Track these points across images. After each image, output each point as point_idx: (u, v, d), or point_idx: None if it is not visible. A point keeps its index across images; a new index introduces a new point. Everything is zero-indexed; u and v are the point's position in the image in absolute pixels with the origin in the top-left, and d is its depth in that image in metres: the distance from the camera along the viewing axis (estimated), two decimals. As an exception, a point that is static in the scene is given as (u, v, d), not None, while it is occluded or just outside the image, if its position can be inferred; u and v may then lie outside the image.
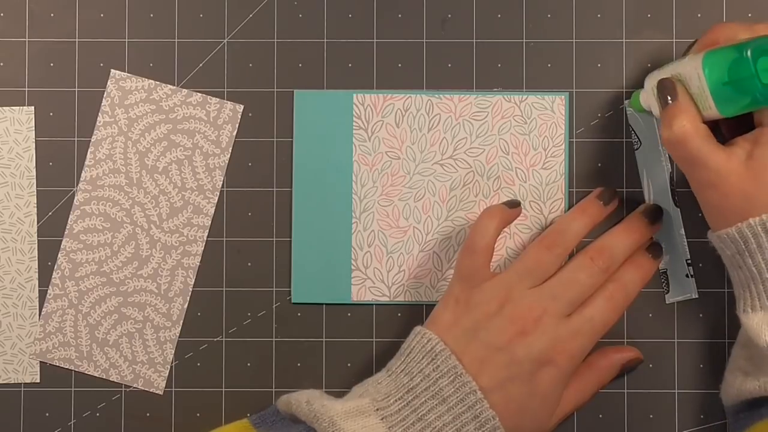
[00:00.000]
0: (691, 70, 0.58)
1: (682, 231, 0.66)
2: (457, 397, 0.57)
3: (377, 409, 0.57)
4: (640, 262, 0.63)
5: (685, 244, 0.66)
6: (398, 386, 0.58)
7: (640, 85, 0.67)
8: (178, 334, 0.67)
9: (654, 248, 0.64)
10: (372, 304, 0.67)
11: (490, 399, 0.57)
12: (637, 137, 0.66)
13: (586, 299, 0.60)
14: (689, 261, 0.66)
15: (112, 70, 0.67)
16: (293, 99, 0.68)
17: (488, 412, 0.57)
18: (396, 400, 0.58)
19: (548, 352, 0.58)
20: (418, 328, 0.60)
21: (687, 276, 0.66)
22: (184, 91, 0.67)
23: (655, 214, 0.64)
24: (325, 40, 0.68)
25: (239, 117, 0.68)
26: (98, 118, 0.67)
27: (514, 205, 0.63)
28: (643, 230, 0.63)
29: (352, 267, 0.67)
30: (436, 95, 0.67)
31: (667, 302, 0.66)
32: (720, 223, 0.58)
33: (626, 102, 0.67)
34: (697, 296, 0.65)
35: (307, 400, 0.58)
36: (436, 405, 0.57)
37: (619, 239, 0.62)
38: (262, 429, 0.60)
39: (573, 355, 0.59)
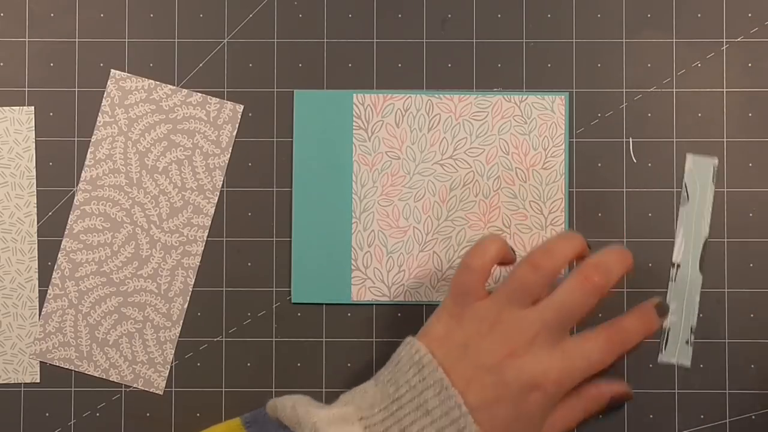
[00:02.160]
0: None
1: (698, 298, 0.66)
2: (441, 410, 0.56)
3: (361, 418, 0.57)
4: (648, 316, 0.62)
5: (696, 310, 0.66)
6: (384, 396, 0.58)
7: (640, 84, 0.67)
8: (178, 334, 0.67)
9: (661, 307, 0.63)
10: (372, 304, 0.67)
11: (476, 417, 0.56)
12: (687, 193, 0.66)
13: (585, 333, 0.60)
14: (693, 328, 0.66)
15: (112, 70, 0.67)
16: (293, 99, 0.68)
17: (473, 427, 0.56)
18: (380, 410, 0.57)
19: (538, 378, 0.57)
20: (408, 338, 0.60)
21: (687, 343, 0.65)
22: (184, 91, 0.67)
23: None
24: (325, 40, 0.68)
25: (239, 117, 0.68)
26: (98, 118, 0.67)
27: (512, 251, 0.63)
28: (628, 259, 0.61)
29: (352, 267, 0.67)
30: (436, 95, 0.67)
31: (658, 361, 0.66)
32: None
33: (688, 158, 0.66)
34: (689, 366, 0.65)
35: (292, 405, 0.58)
36: (420, 417, 0.56)
37: (613, 258, 0.60)
38: (253, 429, 0.60)
39: (562, 384, 0.58)
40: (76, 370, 0.67)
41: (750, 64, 0.67)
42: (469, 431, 0.56)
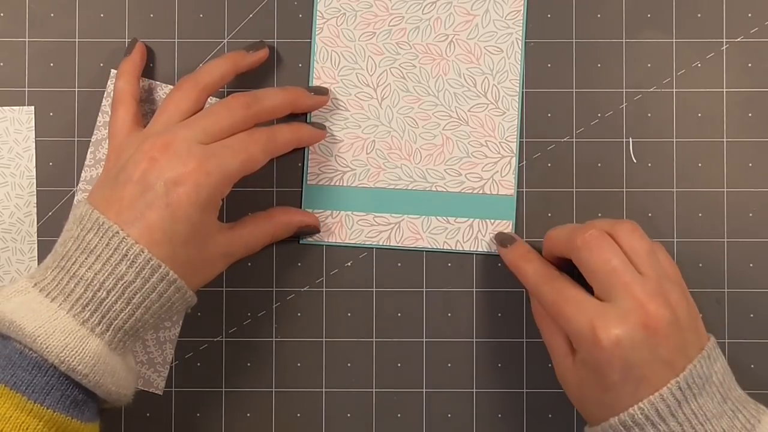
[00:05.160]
0: None
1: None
2: (103, 244, 0.56)
3: (35, 284, 0.56)
4: (299, 125, 0.65)
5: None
6: (55, 258, 0.58)
7: (640, 84, 0.67)
8: (178, 334, 0.67)
9: (319, 125, 0.66)
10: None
11: (133, 233, 0.56)
12: None
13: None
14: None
15: (112, 70, 0.67)
16: (293, 99, 0.68)
17: (135, 247, 0.56)
18: (52, 271, 0.57)
19: (181, 170, 0.57)
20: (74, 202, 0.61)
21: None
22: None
23: (321, 90, 0.66)
24: (325, 40, 0.68)
25: (239, 117, 0.67)
26: (98, 118, 0.67)
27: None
28: (302, 96, 0.65)
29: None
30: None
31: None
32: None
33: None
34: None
35: None
36: (85, 259, 0.56)
37: (274, 92, 0.64)
38: None
39: (209, 172, 0.58)
40: (76, 370, 0.67)
41: (750, 64, 0.67)
42: (133, 251, 0.56)
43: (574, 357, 0.58)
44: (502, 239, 0.65)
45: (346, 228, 0.67)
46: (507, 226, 0.66)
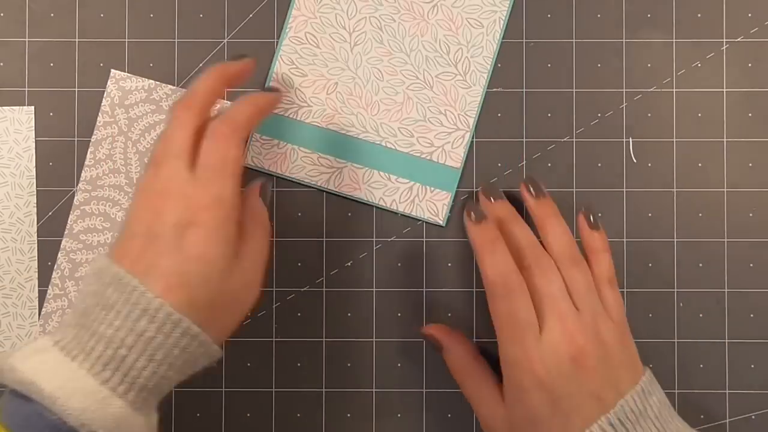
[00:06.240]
0: None
1: None
2: (122, 300, 0.54)
3: (56, 343, 0.55)
4: (252, 96, 0.61)
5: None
6: (74, 315, 0.56)
7: (640, 84, 0.67)
8: (178, 334, 0.67)
9: (272, 88, 0.65)
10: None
11: (150, 285, 0.54)
12: None
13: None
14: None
15: (112, 70, 0.67)
16: (293, 99, 0.68)
17: (155, 302, 0.54)
18: (72, 328, 0.55)
19: (185, 215, 0.55)
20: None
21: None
22: (184, 91, 0.67)
23: (240, 56, 0.63)
24: (325, 40, 0.68)
25: (239, 117, 0.67)
26: (98, 118, 0.67)
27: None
28: (225, 66, 0.61)
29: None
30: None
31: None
32: None
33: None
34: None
35: None
36: (105, 316, 0.54)
37: (200, 78, 0.60)
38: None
39: (208, 206, 0.56)
40: (76, 370, 0.67)
41: (750, 64, 0.67)
42: (153, 306, 0.54)
43: (505, 401, 0.59)
44: (475, 211, 0.61)
45: (289, 161, 0.66)
46: (446, 198, 0.66)
